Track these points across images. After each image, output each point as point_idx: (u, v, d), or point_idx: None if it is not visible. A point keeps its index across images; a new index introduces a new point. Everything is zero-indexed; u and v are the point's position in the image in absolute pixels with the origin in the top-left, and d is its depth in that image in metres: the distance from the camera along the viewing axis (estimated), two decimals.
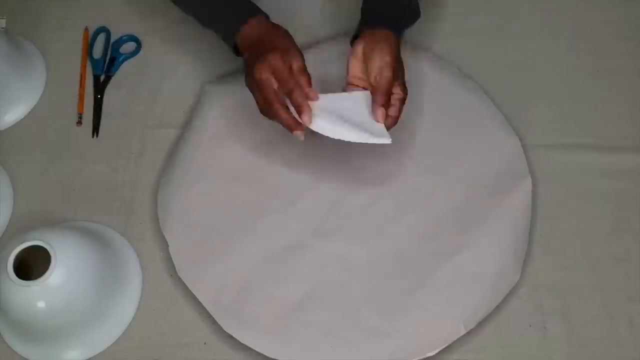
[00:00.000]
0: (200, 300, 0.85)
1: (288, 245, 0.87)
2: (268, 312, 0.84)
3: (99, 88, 1.02)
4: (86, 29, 1.06)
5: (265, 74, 0.80)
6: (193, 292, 0.85)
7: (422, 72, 0.97)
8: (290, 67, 0.80)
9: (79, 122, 0.99)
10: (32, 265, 0.80)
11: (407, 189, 0.90)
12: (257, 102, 0.83)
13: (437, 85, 0.96)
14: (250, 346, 0.82)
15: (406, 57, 0.88)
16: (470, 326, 0.82)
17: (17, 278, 0.77)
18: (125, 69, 1.04)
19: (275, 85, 0.80)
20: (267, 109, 0.82)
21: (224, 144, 0.93)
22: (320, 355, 0.82)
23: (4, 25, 1.07)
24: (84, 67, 1.04)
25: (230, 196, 0.90)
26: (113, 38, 1.06)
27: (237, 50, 0.88)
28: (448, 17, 1.05)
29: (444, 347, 0.81)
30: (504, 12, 1.06)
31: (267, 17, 0.88)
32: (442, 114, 0.94)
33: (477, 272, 0.85)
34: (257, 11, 0.88)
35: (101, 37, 1.06)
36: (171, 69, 1.03)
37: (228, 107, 0.96)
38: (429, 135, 0.93)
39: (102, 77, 1.03)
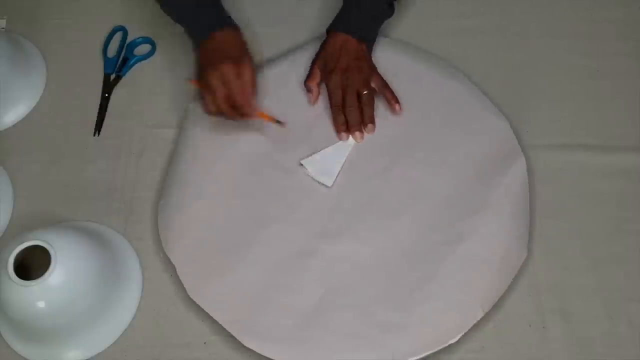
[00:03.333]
0: (217, 319, 0.83)
1: (295, 252, 0.87)
2: (286, 321, 0.83)
3: (108, 87, 1.02)
4: None
5: (215, 80, 0.89)
6: (208, 313, 0.84)
7: (405, 64, 0.98)
8: (239, 76, 0.89)
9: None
10: (32, 265, 0.80)
11: (405, 182, 0.91)
12: (204, 102, 0.92)
13: (420, 76, 0.96)
14: (274, 358, 0.82)
15: (388, 51, 0.92)
16: (487, 308, 0.83)
17: (17, 278, 0.77)
18: (134, 72, 1.03)
19: (222, 90, 0.89)
20: (213, 111, 0.91)
21: (217, 159, 0.93)
22: (345, 356, 0.81)
23: (4, 25, 1.07)
24: None
25: (229, 211, 0.89)
26: (129, 39, 1.06)
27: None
28: (448, 17, 1.05)
29: (464, 332, 0.82)
30: (504, 12, 1.06)
31: (235, 28, 0.94)
32: (429, 104, 0.95)
33: (486, 255, 0.85)
34: (226, 22, 0.94)
35: (117, 37, 1.06)
36: (173, 68, 1.03)
37: (216, 122, 0.94)
38: (418, 127, 0.93)
39: (113, 76, 1.03)
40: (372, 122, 0.93)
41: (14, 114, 1.00)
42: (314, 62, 0.96)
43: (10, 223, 0.92)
